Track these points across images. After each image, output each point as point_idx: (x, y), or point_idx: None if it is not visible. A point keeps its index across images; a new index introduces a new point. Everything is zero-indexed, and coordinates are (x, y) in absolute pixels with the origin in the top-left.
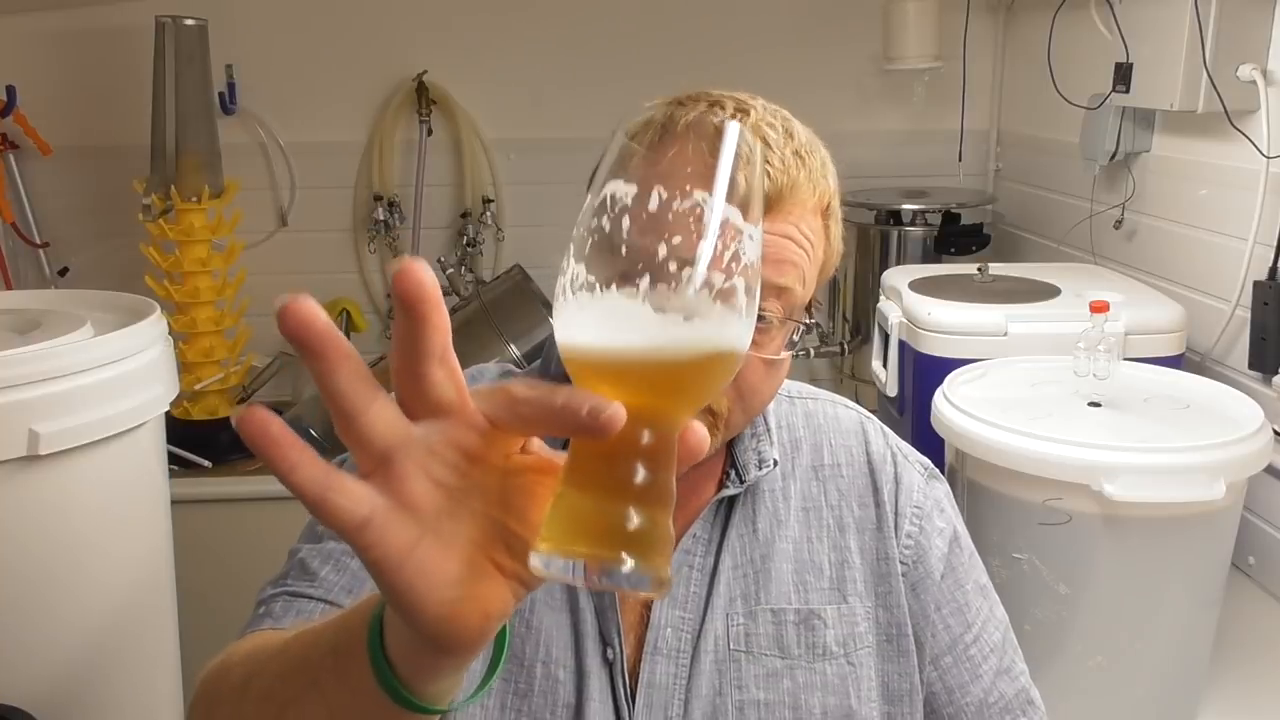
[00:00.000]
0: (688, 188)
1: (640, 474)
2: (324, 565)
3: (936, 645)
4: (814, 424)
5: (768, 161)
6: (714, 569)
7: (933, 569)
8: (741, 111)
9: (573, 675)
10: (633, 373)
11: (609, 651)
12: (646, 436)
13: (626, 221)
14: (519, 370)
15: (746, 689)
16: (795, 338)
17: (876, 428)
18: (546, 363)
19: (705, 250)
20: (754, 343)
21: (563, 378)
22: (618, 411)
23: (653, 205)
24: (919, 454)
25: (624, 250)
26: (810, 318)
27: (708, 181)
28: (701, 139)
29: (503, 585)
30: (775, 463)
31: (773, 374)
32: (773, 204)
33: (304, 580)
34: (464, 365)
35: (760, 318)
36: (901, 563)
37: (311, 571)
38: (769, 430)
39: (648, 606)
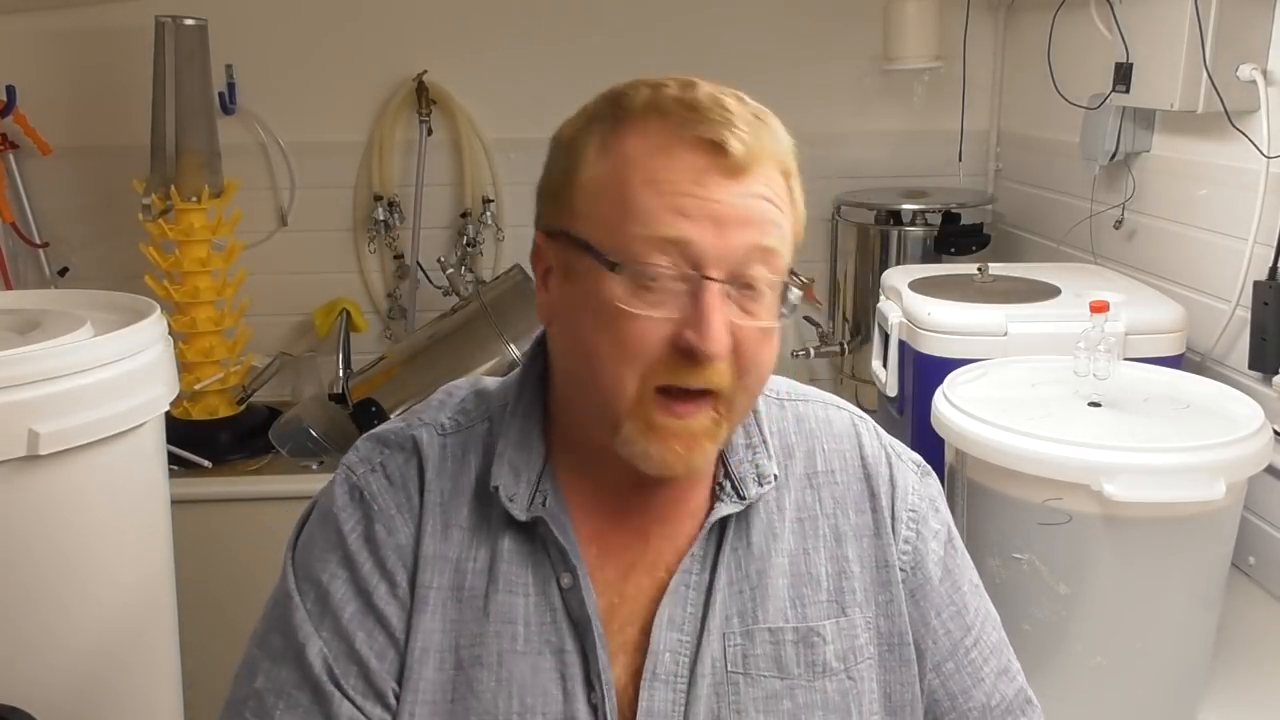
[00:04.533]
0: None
1: None
2: (277, 703)
3: (938, 651)
4: (806, 429)
5: (733, 125)
6: (709, 587)
7: (931, 574)
8: (688, 85)
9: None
10: None
11: (592, 695)
12: None
13: None
14: (492, 387)
15: (746, 712)
16: (791, 303)
17: (869, 428)
18: (521, 390)
19: None
20: (747, 312)
21: (537, 409)
22: None
23: None
24: (911, 451)
25: None
26: (798, 281)
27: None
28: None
29: None
30: (775, 478)
31: (768, 343)
32: (744, 166)
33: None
34: (464, 366)
35: (749, 285)
36: (901, 569)
37: (267, 710)
38: (765, 441)
39: (645, 632)
